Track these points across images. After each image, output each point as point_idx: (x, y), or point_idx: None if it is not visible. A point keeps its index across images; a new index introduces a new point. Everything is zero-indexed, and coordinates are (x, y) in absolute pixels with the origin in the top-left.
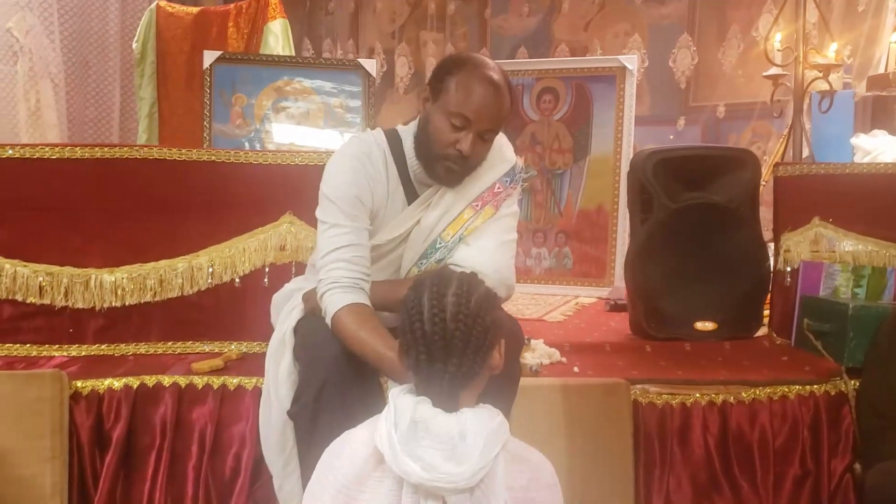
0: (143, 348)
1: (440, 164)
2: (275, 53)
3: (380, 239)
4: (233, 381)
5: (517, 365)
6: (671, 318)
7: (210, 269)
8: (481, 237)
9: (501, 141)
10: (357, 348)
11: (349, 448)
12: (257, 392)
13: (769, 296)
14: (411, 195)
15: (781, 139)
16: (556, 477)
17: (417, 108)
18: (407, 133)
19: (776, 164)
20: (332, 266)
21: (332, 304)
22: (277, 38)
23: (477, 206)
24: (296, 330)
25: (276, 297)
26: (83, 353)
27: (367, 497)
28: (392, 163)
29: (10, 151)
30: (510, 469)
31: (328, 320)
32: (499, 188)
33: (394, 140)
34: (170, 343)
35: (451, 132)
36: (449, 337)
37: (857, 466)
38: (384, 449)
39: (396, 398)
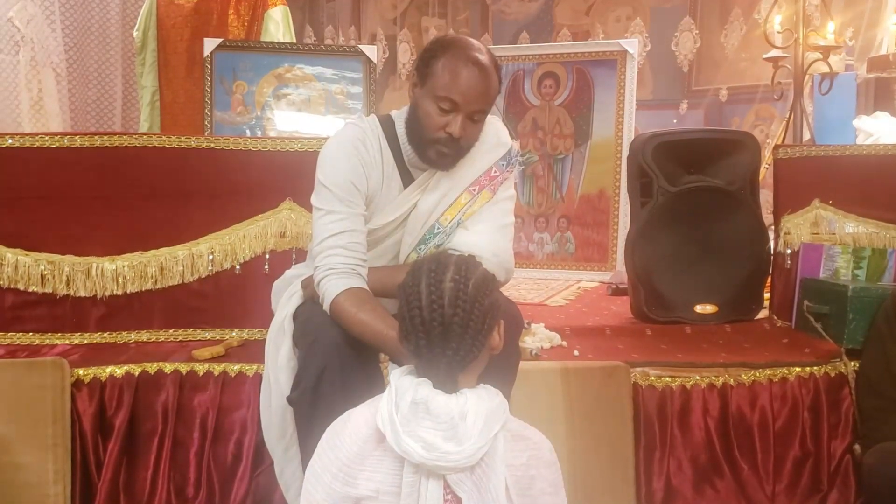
0: (144, 336)
1: (431, 149)
2: (275, 40)
3: (376, 223)
4: (234, 368)
5: (516, 349)
6: (671, 302)
7: (210, 257)
8: (479, 221)
9: (497, 125)
10: (358, 331)
11: (350, 427)
12: (258, 378)
13: (769, 278)
14: (407, 179)
15: (783, 122)
16: (555, 455)
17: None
18: (400, 118)
19: (776, 147)
20: (328, 252)
21: (330, 289)
22: (278, 24)
23: (474, 190)
24: (295, 316)
25: (277, 284)
26: (85, 342)
27: (368, 475)
28: (387, 147)
29: (11, 141)
30: (510, 447)
31: (326, 306)
32: (495, 172)
33: (387, 125)
34: (171, 330)
35: (440, 116)
36: (448, 322)
37: (857, 447)
38: (385, 429)
39: (397, 379)
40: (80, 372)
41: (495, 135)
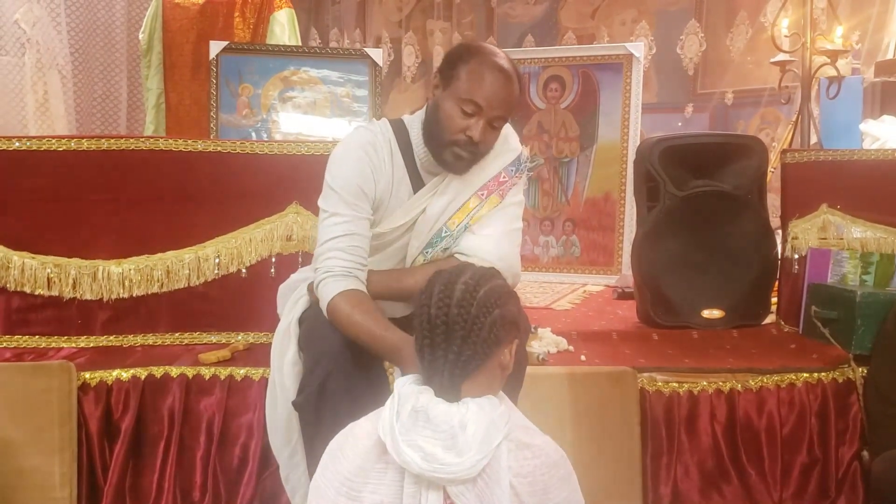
0: (150, 339)
1: (449, 151)
2: (281, 43)
3: (385, 227)
4: (240, 372)
5: (524, 353)
6: (678, 306)
7: (216, 260)
8: (487, 226)
9: (507, 130)
10: (352, 332)
11: (352, 440)
12: (264, 382)
13: (777, 283)
14: (417, 184)
15: (789, 126)
16: (561, 452)
17: (426, 96)
18: (413, 122)
19: (783, 151)
20: (327, 255)
21: (327, 292)
22: (283, 27)
23: (482, 194)
24: (301, 320)
25: (283, 288)
26: (91, 345)
27: (371, 488)
28: (398, 152)
29: (17, 143)
30: (516, 457)
31: (324, 309)
32: (504, 177)
33: (399, 130)
34: (177, 334)
35: (462, 119)
36: (451, 322)
37: (865, 454)
38: (385, 437)
39: (401, 387)
40: (87, 375)
41: (505, 140)
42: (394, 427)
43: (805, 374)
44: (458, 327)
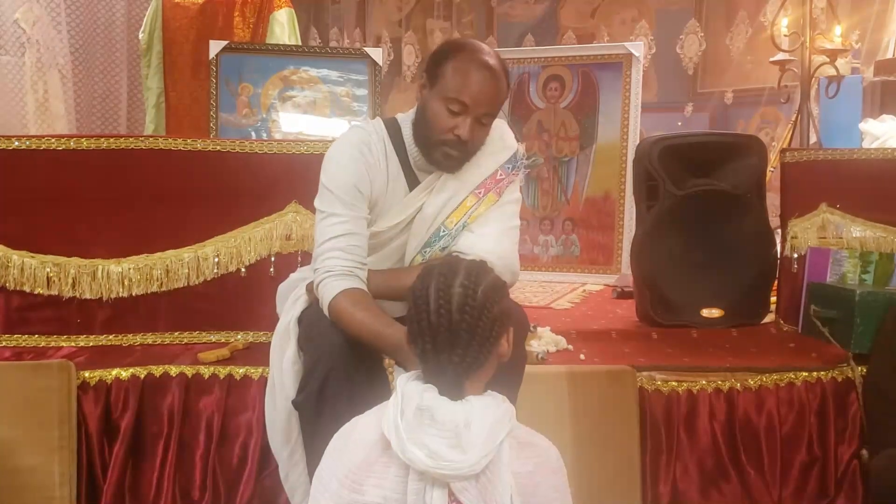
0: (150, 338)
1: (439, 150)
2: (281, 43)
3: (381, 226)
4: (239, 371)
5: (523, 352)
6: (677, 305)
7: (216, 259)
8: (485, 224)
9: (503, 128)
10: (354, 330)
11: (357, 434)
12: (263, 381)
13: (776, 282)
14: (412, 182)
15: (789, 125)
16: (562, 461)
17: (416, 96)
18: (406, 121)
19: (783, 151)
20: (327, 255)
21: (328, 291)
22: (283, 27)
23: (479, 193)
24: (300, 319)
25: (282, 287)
26: (91, 344)
27: (374, 482)
28: (392, 150)
29: (17, 143)
30: (517, 455)
31: (325, 309)
32: (501, 175)
33: (393, 128)
34: (176, 333)
35: (450, 118)
36: (454, 328)
37: (864, 453)
38: (390, 435)
39: (404, 385)
40: (86, 374)
41: (500, 138)
42: (398, 425)
43: (804, 373)
44: (462, 333)
